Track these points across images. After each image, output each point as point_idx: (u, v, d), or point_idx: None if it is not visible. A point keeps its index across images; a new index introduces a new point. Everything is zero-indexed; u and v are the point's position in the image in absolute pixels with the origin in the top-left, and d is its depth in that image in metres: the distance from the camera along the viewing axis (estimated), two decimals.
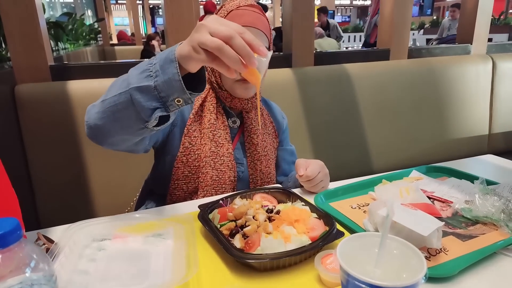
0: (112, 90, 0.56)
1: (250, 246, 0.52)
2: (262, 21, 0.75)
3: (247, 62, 0.46)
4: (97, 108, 0.58)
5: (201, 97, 0.80)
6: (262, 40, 0.75)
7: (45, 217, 1.05)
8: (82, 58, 3.15)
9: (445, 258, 0.51)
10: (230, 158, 0.80)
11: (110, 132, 0.59)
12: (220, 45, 0.45)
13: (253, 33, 0.72)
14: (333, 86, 1.35)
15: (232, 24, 0.47)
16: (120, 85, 0.55)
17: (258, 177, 0.85)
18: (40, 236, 0.57)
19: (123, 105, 0.54)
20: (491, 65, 1.59)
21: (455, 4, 4.73)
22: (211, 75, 0.80)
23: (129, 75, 0.54)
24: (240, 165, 0.84)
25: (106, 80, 1.12)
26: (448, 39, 3.73)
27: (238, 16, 0.73)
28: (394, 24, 1.54)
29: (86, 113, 0.61)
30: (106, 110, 0.56)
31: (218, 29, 0.45)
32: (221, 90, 0.79)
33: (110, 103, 0.55)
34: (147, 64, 0.52)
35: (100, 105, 0.57)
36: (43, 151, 1.04)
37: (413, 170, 0.84)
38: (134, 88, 0.52)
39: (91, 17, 5.87)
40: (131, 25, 7.74)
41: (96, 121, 0.58)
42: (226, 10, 0.75)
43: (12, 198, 0.52)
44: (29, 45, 1.07)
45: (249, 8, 0.75)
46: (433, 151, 1.54)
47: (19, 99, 1.01)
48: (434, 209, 0.64)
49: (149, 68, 0.51)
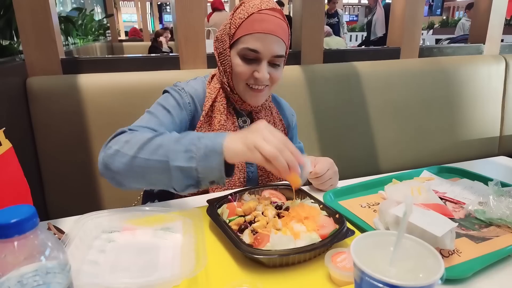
0: (146, 151, 0.57)
1: (259, 242, 0.51)
2: (283, 28, 0.73)
3: (292, 170, 0.55)
4: (125, 160, 0.58)
5: (211, 98, 0.78)
6: (280, 47, 0.72)
7: (54, 209, 1.06)
8: (91, 53, 3.18)
9: (458, 260, 0.50)
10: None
11: (132, 182, 0.60)
12: (276, 154, 0.53)
13: (273, 40, 0.71)
14: (341, 84, 1.34)
15: (279, 135, 0.55)
16: (157, 152, 0.56)
17: (268, 178, 0.85)
18: (50, 227, 0.58)
19: (157, 171, 0.56)
20: (504, 66, 1.56)
21: (470, 4, 4.65)
22: (222, 76, 0.78)
23: (169, 148, 0.56)
24: (250, 165, 0.83)
25: (116, 74, 1.13)
26: (458, 39, 3.67)
27: (259, 21, 0.70)
28: (405, 23, 1.52)
29: (106, 151, 0.60)
30: (137, 167, 0.57)
31: (272, 140, 0.54)
32: (232, 93, 0.78)
33: (143, 164, 0.57)
34: (190, 143, 0.56)
35: (130, 160, 0.57)
36: (53, 143, 1.05)
37: (424, 170, 0.83)
38: (176, 166, 0.55)
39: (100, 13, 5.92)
40: (139, 22, 7.79)
41: (121, 171, 0.59)
42: (247, 11, 0.71)
43: (24, 188, 0.53)
44: (41, 39, 1.08)
45: (271, 12, 0.71)
46: (442, 152, 1.51)
47: (31, 91, 1.02)
48: (447, 210, 0.63)
49: (193, 150, 0.55)
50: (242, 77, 0.74)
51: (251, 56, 0.72)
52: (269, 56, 0.72)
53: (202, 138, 0.56)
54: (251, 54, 0.71)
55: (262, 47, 0.70)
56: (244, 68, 0.73)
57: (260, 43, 0.70)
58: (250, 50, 0.71)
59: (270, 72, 0.73)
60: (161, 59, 1.26)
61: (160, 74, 1.15)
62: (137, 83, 1.11)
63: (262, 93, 0.76)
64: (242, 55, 0.72)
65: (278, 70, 0.76)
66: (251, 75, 0.73)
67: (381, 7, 4.01)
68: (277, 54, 0.72)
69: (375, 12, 4.05)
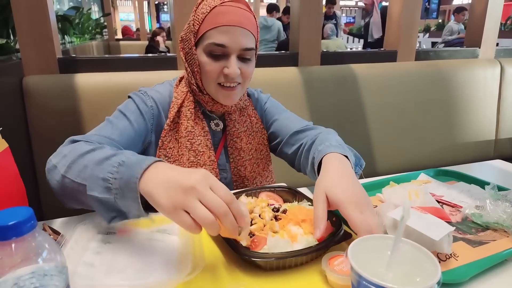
0: (73, 172, 0.50)
1: (256, 245, 0.51)
2: (250, 20, 0.68)
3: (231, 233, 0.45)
4: (58, 178, 0.53)
5: (177, 103, 0.73)
6: (248, 40, 0.68)
7: (49, 209, 1.05)
8: (88, 52, 3.16)
9: (455, 264, 0.50)
10: (213, 166, 0.74)
11: (70, 203, 0.55)
12: (211, 222, 0.41)
13: (240, 33, 0.66)
14: (339, 86, 1.34)
15: (223, 190, 0.43)
16: (80, 174, 0.50)
17: (243, 183, 0.80)
18: (46, 227, 0.57)
19: (83, 195, 0.50)
20: (499, 70, 1.58)
21: (459, 8, 4.76)
22: (191, 77, 0.73)
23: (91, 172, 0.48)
24: (223, 171, 0.79)
25: (113, 74, 1.12)
26: (455, 42, 3.72)
27: (223, 13, 0.66)
28: (401, 26, 1.53)
29: (47, 164, 0.56)
30: (66, 188, 0.52)
31: (212, 203, 0.41)
32: (202, 94, 0.73)
33: (71, 186, 0.51)
34: (111, 169, 0.47)
35: (61, 179, 0.52)
36: (48, 142, 1.03)
37: (421, 173, 0.84)
38: (92, 196, 0.48)
39: (97, 12, 5.89)
40: (136, 21, 7.77)
41: (56, 189, 0.54)
42: (209, 5, 0.67)
43: (20, 188, 0.52)
44: (38, 37, 1.07)
45: (235, 4, 0.67)
46: (438, 154, 1.52)
47: (27, 90, 1.02)
48: (444, 214, 0.63)
49: (110, 179, 0.47)
50: (211, 75, 0.69)
51: (219, 52, 0.67)
52: (238, 49, 0.67)
53: (122, 164, 0.47)
54: (218, 49, 0.67)
55: (228, 40, 0.66)
56: (212, 66, 0.68)
57: (226, 37, 0.66)
58: (216, 45, 0.66)
59: (241, 67, 0.69)
60: (159, 59, 1.26)
61: (157, 74, 1.15)
62: (134, 83, 1.10)
63: (235, 91, 0.71)
64: (209, 51, 0.67)
65: (249, 65, 0.71)
66: (220, 72, 0.68)
67: (377, 11, 4.12)
68: (246, 47, 0.68)
69: (372, 15, 4.16)
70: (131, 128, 0.69)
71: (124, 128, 0.68)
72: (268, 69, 1.29)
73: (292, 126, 0.80)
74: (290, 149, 0.79)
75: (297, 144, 0.77)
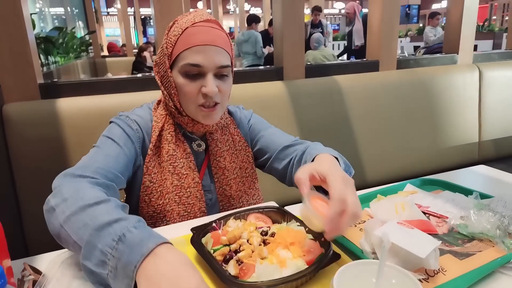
0: (71, 226, 0.49)
1: (245, 273, 0.50)
2: (222, 38, 0.69)
3: None
4: (56, 224, 0.51)
5: (158, 127, 0.73)
6: (223, 57, 0.69)
7: (33, 241, 1.01)
8: (72, 72, 3.13)
9: (443, 279, 0.50)
10: (197, 188, 0.74)
11: (65, 246, 0.53)
12: None
13: (214, 51, 0.67)
14: (324, 98, 1.36)
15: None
16: (78, 232, 0.48)
17: (229, 203, 0.80)
18: (26, 267, 0.55)
19: (77, 252, 0.48)
20: (478, 75, 1.63)
21: (432, 13, 4.96)
22: (168, 100, 0.72)
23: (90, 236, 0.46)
24: (208, 193, 0.78)
25: (97, 97, 1.11)
26: (434, 47, 3.86)
27: (195, 34, 0.67)
28: (382, 37, 1.57)
29: (46, 203, 0.54)
30: (62, 238, 0.51)
31: None
32: (181, 116, 0.73)
33: (67, 238, 0.49)
34: (110, 241, 0.44)
35: (58, 227, 0.51)
36: (31, 172, 1.01)
37: (408, 184, 0.85)
38: (84, 265, 0.46)
39: (82, 29, 5.87)
40: (122, 36, 7.75)
41: (53, 233, 0.53)
42: (180, 27, 0.68)
43: None
44: (17, 63, 1.05)
45: (206, 24, 0.68)
46: (425, 160, 1.55)
47: (7, 119, 0.99)
48: (430, 226, 0.64)
49: (108, 254, 0.44)
50: (190, 96, 0.69)
51: (194, 71, 0.67)
52: (214, 68, 0.68)
53: (123, 241, 0.44)
54: (193, 69, 0.67)
55: (203, 60, 0.66)
56: (190, 87, 0.68)
57: (201, 56, 0.66)
58: (191, 65, 0.67)
59: (218, 85, 0.69)
60: (145, 79, 1.24)
61: (144, 95, 1.14)
62: (120, 105, 1.08)
63: (215, 111, 0.71)
64: (184, 72, 0.68)
65: (227, 82, 0.71)
66: (199, 92, 0.68)
67: (359, 20, 4.29)
68: (221, 65, 0.68)
69: (354, 24, 4.33)
70: (123, 153, 0.68)
71: (117, 154, 0.67)
72: (253, 84, 1.30)
73: (280, 141, 0.81)
74: (280, 164, 0.79)
75: (287, 158, 0.78)
